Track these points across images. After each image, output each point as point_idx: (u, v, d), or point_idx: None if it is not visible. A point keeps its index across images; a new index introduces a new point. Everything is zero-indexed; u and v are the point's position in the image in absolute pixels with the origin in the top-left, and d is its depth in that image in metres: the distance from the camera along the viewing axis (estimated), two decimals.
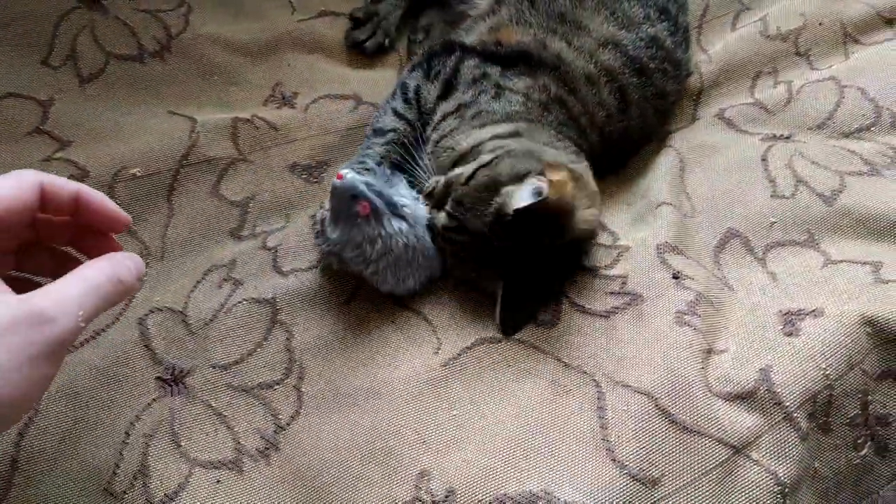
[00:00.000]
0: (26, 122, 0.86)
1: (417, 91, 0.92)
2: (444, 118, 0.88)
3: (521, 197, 0.70)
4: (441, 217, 0.77)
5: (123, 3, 0.96)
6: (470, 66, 0.90)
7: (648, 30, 0.93)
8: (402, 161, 0.85)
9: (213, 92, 0.95)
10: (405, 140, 0.87)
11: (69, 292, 0.43)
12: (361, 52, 1.06)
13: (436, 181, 0.80)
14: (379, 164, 0.82)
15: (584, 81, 0.88)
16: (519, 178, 0.72)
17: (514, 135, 0.81)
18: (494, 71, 0.89)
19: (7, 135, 0.84)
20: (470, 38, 0.98)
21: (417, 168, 0.85)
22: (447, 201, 0.77)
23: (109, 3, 0.95)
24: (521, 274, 0.73)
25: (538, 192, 0.69)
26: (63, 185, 0.49)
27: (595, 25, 0.92)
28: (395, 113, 0.91)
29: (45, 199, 0.48)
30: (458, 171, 0.78)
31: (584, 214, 0.75)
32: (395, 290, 0.76)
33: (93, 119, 0.87)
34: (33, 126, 0.86)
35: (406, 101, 0.92)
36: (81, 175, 0.81)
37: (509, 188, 0.72)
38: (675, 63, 0.96)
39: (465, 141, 0.82)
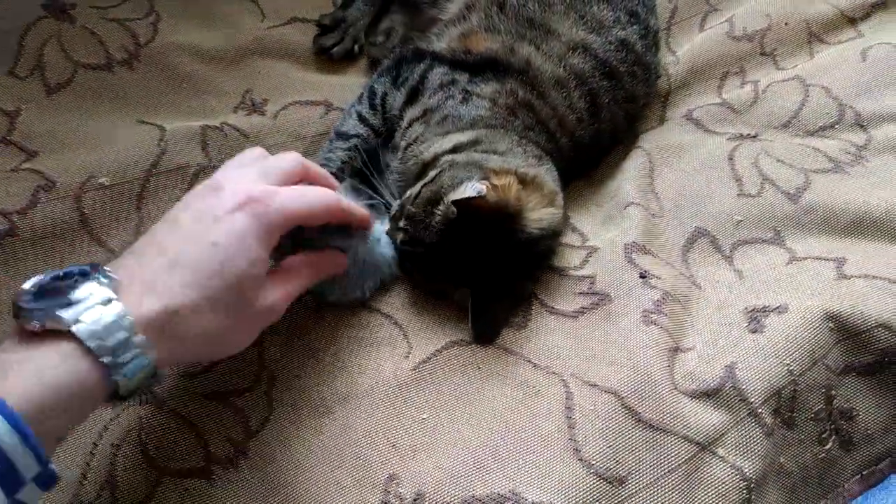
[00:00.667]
0: None
1: (384, 98, 0.92)
2: (410, 124, 0.88)
3: (460, 191, 0.71)
4: (398, 235, 0.77)
5: (91, 12, 0.95)
6: (438, 74, 0.90)
7: (618, 33, 0.94)
8: (364, 168, 0.85)
9: (183, 100, 0.94)
10: (368, 147, 0.87)
11: (289, 292, 0.63)
12: (329, 58, 1.06)
13: (398, 204, 0.80)
14: (341, 169, 0.82)
15: (553, 85, 0.89)
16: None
17: (475, 143, 0.82)
18: (463, 78, 0.89)
19: None
20: (440, 45, 0.98)
21: (380, 180, 0.84)
22: (402, 221, 0.77)
23: (77, 13, 0.94)
24: (487, 281, 0.73)
25: (477, 190, 0.70)
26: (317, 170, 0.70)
27: (564, 29, 0.92)
28: (360, 117, 0.91)
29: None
30: (408, 192, 0.79)
31: (538, 213, 0.76)
32: (341, 300, 0.75)
33: (60, 129, 0.86)
34: None
35: (372, 106, 0.92)
36: (48, 185, 0.80)
37: (450, 195, 0.73)
38: (644, 66, 0.96)
39: (427, 151, 0.83)
